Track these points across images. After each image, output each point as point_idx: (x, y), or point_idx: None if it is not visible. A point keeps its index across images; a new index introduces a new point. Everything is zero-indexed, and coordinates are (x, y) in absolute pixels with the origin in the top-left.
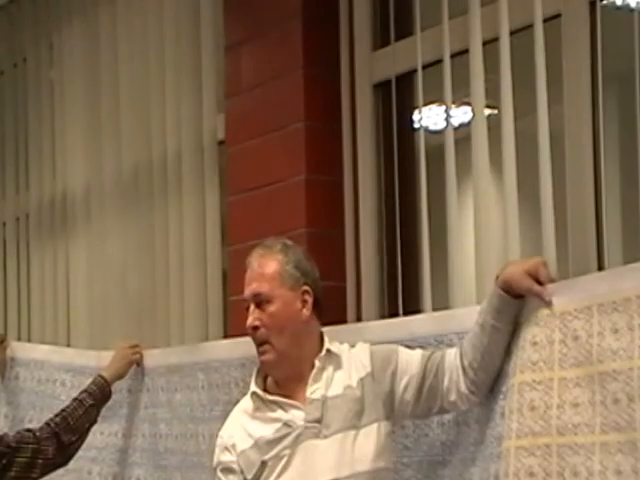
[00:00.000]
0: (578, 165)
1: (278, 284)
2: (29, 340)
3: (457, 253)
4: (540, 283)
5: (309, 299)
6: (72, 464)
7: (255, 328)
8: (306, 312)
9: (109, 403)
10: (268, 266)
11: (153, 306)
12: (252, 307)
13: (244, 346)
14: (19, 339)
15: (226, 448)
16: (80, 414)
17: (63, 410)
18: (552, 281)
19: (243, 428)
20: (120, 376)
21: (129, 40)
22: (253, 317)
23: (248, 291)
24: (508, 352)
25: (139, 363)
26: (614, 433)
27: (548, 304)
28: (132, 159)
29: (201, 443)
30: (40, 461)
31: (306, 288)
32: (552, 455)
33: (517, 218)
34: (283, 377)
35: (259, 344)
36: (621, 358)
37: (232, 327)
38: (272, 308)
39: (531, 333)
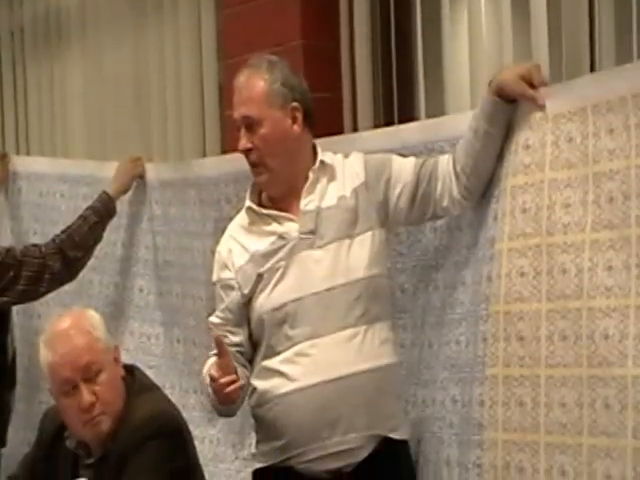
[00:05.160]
0: None
1: (267, 105)
2: (28, 154)
3: (451, 59)
4: (533, 87)
5: (299, 115)
6: None
7: (248, 150)
8: (297, 128)
9: None
10: (255, 88)
11: (149, 119)
12: (243, 130)
13: (237, 161)
14: (18, 154)
15: (225, 265)
16: (85, 231)
17: (68, 227)
18: (545, 85)
19: (239, 243)
20: (124, 191)
21: None
22: (245, 140)
23: (237, 114)
24: (500, 157)
25: (142, 176)
26: (606, 231)
27: (541, 108)
28: None
29: (196, 258)
30: (47, 276)
31: (295, 105)
32: (542, 254)
33: (510, 22)
34: (280, 193)
35: (253, 165)
36: (618, 158)
37: (229, 141)
38: (263, 130)
39: (524, 137)
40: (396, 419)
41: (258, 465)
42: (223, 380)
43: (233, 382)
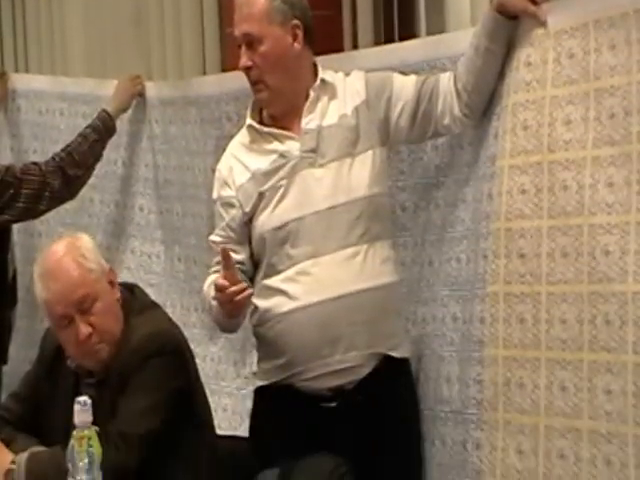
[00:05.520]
0: None
1: (267, 22)
2: (27, 72)
3: None
4: (535, 3)
5: (299, 32)
6: None
7: (248, 68)
8: (297, 46)
9: None
10: (256, 4)
11: (149, 37)
12: (243, 47)
13: (238, 79)
14: (17, 72)
15: (225, 183)
16: (85, 149)
17: (68, 145)
18: (547, 1)
19: (240, 161)
20: (124, 109)
21: None
22: (245, 58)
23: (238, 31)
24: (502, 74)
25: (141, 94)
26: (607, 147)
27: (543, 24)
28: None
29: (197, 175)
30: (47, 194)
31: (295, 22)
32: (543, 172)
33: None
34: (280, 112)
35: (253, 83)
36: (619, 74)
37: (229, 59)
38: (263, 48)
39: (525, 53)
40: (397, 338)
41: (260, 383)
42: (232, 289)
43: (242, 291)
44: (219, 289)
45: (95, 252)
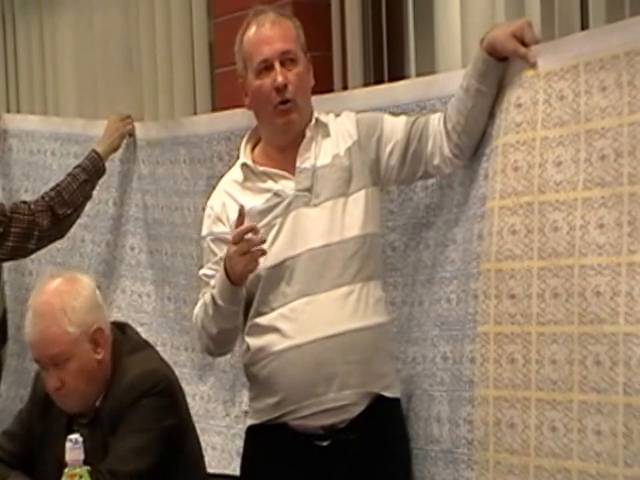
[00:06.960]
0: None
1: (299, 46)
2: (18, 112)
3: (442, 17)
4: (525, 45)
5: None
6: None
7: (285, 86)
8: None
9: None
10: (287, 27)
11: (140, 78)
12: (277, 66)
13: (229, 119)
14: (8, 112)
15: (218, 219)
16: (74, 189)
17: (57, 185)
18: (537, 42)
19: (233, 198)
20: (114, 149)
21: None
22: (282, 76)
23: (271, 50)
24: (492, 115)
25: (131, 134)
26: (597, 188)
27: (533, 65)
28: None
29: (187, 216)
30: (36, 233)
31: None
32: (533, 212)
33: None
34: (287, 143)
35: (285, 102)
36: (610, 115)
37: (220, 99)
38: (299, 68)
39: (515, 95)
40: (389, 377)
41: (251, 422)
42: (255, 237)
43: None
44: (239, 238)
45: (85, 304)
